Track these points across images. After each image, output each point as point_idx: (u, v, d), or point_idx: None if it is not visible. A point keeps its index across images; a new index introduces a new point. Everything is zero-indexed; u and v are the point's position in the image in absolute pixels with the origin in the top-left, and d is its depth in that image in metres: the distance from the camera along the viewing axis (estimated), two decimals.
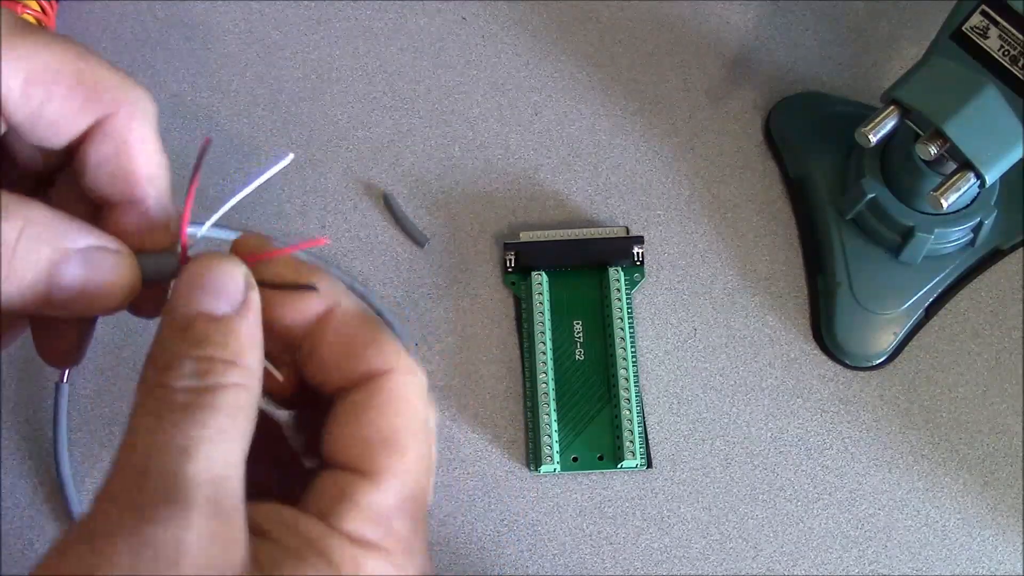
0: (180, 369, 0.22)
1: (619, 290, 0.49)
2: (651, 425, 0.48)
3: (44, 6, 0.51)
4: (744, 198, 0.52)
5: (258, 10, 0.56)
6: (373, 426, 0.24)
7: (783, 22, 0.56)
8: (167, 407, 0.22)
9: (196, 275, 0.24)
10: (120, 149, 0.26)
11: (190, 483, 0.21)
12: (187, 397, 0.22)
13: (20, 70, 0.24)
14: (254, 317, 0.24)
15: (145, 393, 0.23)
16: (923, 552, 0.47)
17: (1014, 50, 0.40)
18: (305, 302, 0.25)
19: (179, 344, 0.23)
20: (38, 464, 0.47)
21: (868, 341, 0.49)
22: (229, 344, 0.23)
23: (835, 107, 0.53)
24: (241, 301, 0.24)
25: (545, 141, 0.53)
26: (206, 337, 0.23)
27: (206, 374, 0.22)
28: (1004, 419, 0.49)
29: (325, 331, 0.25)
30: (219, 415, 0.22)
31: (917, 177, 0.46)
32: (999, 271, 0.51)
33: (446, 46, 0.55)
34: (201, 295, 0.23)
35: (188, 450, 0.21)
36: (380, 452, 0.24)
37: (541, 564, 0.46)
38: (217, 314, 0.23)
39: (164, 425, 0.22)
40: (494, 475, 0.47)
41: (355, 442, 0.24)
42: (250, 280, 0.24)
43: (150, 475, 0.21)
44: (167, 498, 0.21)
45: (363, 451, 0.24)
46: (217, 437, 0.22)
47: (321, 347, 0.25)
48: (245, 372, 0.23)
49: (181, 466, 0.21)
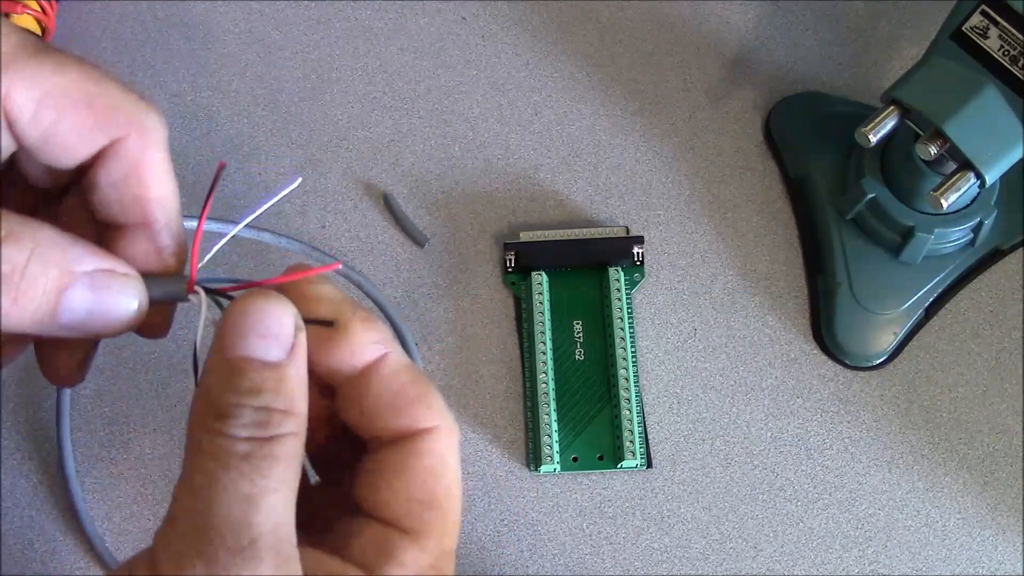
0: (240, 419, 0.22)
1: (619, 290, 0.49)
2: (651, 425, 0.48)
3: (44, 6, 0.51)
4: (744, 198, 0.52)
5: (258, 10, 0.56)
6: (417, 486, 0.25)
7: (783, 22, 0.56)
8: (229, 455, 0.22)
9: (245, 316, 0.24)
10: (131, 172, 0.26)
11: (256, 532, 0.21)
12: (249, 447, 0.22)
13: (33, 91, 0.24)
14: (302, 361, 0.24)
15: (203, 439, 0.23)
16: (923, 552, 0.47)
17: (1014, 50, 0.40)
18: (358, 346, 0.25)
19: (233, 391, 0.23)
20: (38, 464, 0.47)
21: (868, 341, 0.49)
22: (282, 392, 0.23)
23: (835, 107, 0.53)
24: (292, 345, 0.24)
25: (545, 141, 0.54)
26: (261, 385, 0.23)
27: (266, 425, 0.23)
28: (1004, 419, 0.49)
29: (373, 380, 0.25)
30: (279, 465, 0.22)
31: (917, 177, 0.46)
32: (999, 271, 0.51)
33: (446, 46, 0.55)
34: (252, 339, 0.23)
35: (254, 499, 0.22)
36: (422, 512, 0.25)
37: (541, 564, 0.46)
38: (270, 360, 0.23)
39: (229, 473, 0.22)
40: (494, 475, 0.47)
41: (399, 500, 0.25)
42: (299, 322, 0.24)
43: (217, 523, 0.21)
44: (237, 547, 0.21)
45: (407, 510, 0.25)
46: (278, 486, 0.22)
47: (368, 396, 0.25)
48: (298, 420, 0.23)
49: (248, 515, 0.22)
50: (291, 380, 0.23)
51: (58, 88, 0.24)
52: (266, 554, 0.22)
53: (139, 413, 0.48)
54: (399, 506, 0.25)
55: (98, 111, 0.25)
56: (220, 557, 0.21)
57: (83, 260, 0.24)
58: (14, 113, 0.24)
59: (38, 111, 0.24)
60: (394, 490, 0.25)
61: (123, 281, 0.25)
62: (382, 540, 0.24)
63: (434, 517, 0.25)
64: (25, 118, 0.24)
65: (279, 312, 0.24)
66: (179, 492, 0.22)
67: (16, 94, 0.24)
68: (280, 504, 0.22)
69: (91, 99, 0.25)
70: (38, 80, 0.24)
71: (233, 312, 0.24)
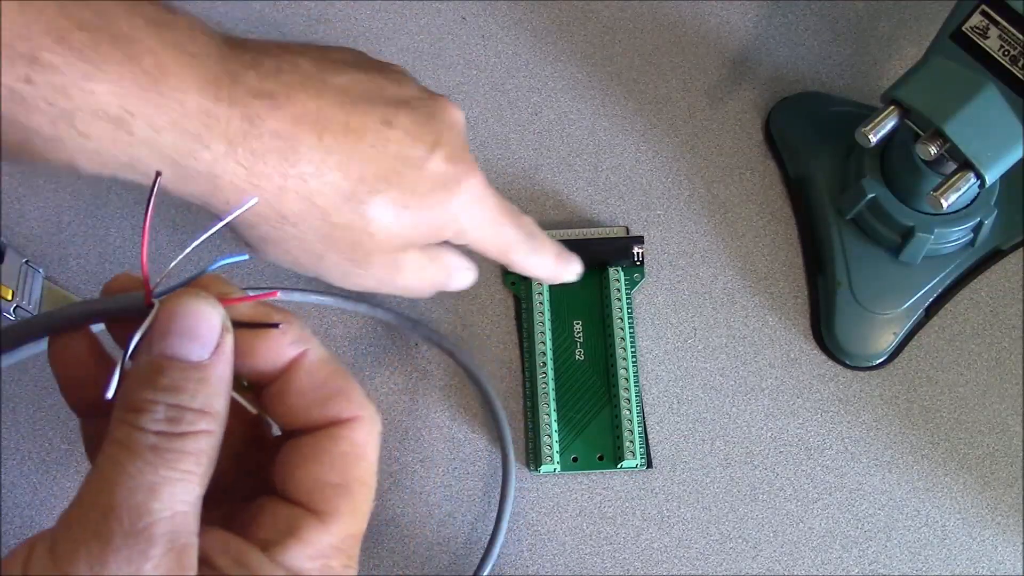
0: (152, 414, 0.23)
1: (619, 290, 0.49)
2: (651, 425, 0.48)
3: None
4: (744, 198, 0.52)
5: (258, 10, 0.56)
6: (331, 471, 0.26)
7: (783, 22, 0.56)
8: (137, 446, 0.23)
9: (171, 316, 0.24)
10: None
11: (154, 519, 0.22)
12: (157, 440, 0.23)
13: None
14: (226, 362, 0.24)
15: (115, 429, 0.23)
16: (923, 552, 0.47)
17: (1014, 50, 0.40)
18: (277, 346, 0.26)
19: (151, 388, 0.23)
20: (39, 464, 0.47)
21: (868, 341, 0.49)
22: (200, 393, 0.24)
23: (835, 107, 0.53)
24: (215, 346, 0.24)
25: (545, 141, 0.54)
26: (178, 385, 0.24)
27: (177, 422, 0.23)
28: (1004, 419, 0.49)
29: (295, 376, 0.26)
30: (187, 459, 0.23)
31: (917, 177, 0.46)
32: (999, 271, 0.51)
33: (446, 46, 0.55)
34: (175, 339, 0.24)
35: (155, 488, 0.22)
36: (333, 495, 0.25)
37: (541, 564, 0.46)
38: (191, 359, 0.24)
39: (135, 461, 0.23)
40: (494, 475, 0.47)
41: (311, 482, 0.26)
42: (226, 323, 0.25)
43: (116, 506, 0.22)
44: (131, 531, 0.22)
45: (317, 492, 0.25)
46: (183, 478, 0.23)
47: (290, 391, 0.26)
48: (213, 419, 0.24)
49: (147, 503, 0.22)
50: (211, 380, 0.24)
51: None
52: (159, 540, 0.22)
53: None
54: (310, 488, 0.25)
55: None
56: (114, 539, 0.22)
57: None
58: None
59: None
60: (307, 473, 0.26)
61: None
62: (288, 519, 0.25)
63: (344, 501, 0.25)
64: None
65: (206, 312, 0.24)
66: (87, 478, 0.23)
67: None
68: (182, 494, 0.23)
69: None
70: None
71: (162, 311, 0.24)
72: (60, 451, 0.47)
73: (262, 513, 0.26)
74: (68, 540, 0.22)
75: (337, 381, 0.26)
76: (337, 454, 0.26)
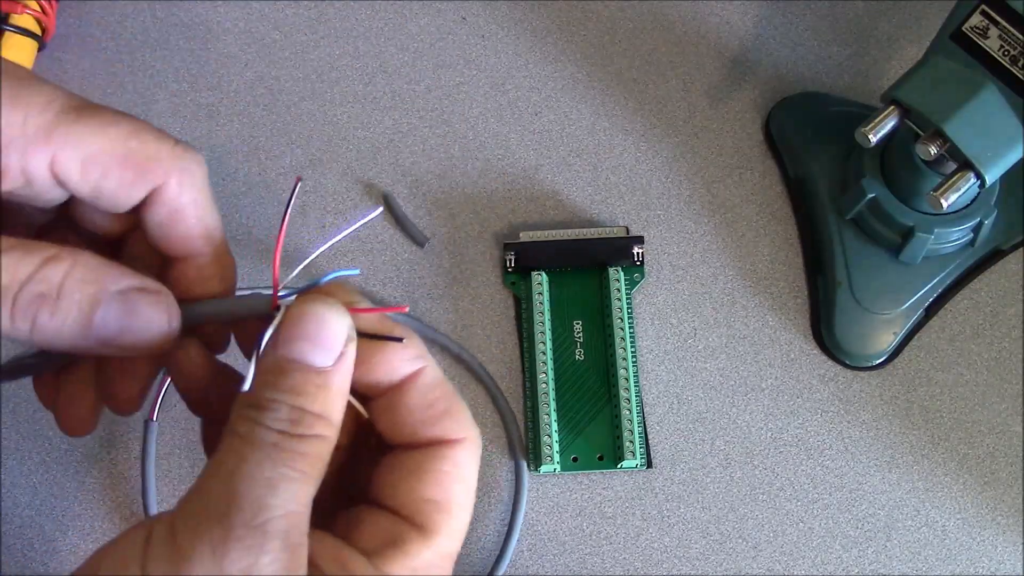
0: (275, 412, 0.24)
1: (619, 290, 0.49)
2: (651, 425, 0.48)
3: (44, 6, 0.51)
4: (744, 198, 0.52)
5: (258, 10, 0.56)
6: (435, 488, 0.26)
7: (783, 22, 0.56)
8: (259, 441, 0.24)
9: (299, 320, 0.25)
10: (172, 215, 0.28)
11: (271, 514, 0.23)
12: (278, 438, 0.24)
13: (77, 153, 0.26)
14: (347, 371, 0.25)
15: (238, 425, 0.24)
16: (923, 552, 0.47)
17: (1014, 50, 0.40)
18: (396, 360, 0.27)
19: (275, 389, 0.24)
20: (39, 464, 0.47)
21: (868, 341, 0.49)
22: (320, 398, 0.25)
23: (835, 107, 0.53)
24: (339, 355, 0.25)
25: (545, 141, 0.53)
26: (300, 388, 0.24)
27: (298, 423, 0.24)
28: (1004, 419, 0.49)
29: (409, 392, 0.27)
30: (304, 460, 0.24)
31: (917, 177, 0.46)
32: (999, 271, 0.51)
33: (446, 46, 0.55)
34: (302, 343, 0.25)
35: (273, 484, 0.23)
36: (435, 512, 0.26)
37: (541, 564, 0.46)
38: (315, 365, 0.25)
39: (256, 456, 0.23)
40: (494, 475, 0.47)
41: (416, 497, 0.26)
42: (352, 334, 0.26)
43: (237, 497, 0.23)
44: (251, 523, 0.23)
45: (422, 508, 0.26)
46: (299, 478, 0.24)
47: (402, 407, 0.27)
48: (331, 426, 0.25)
49: (266, 497, 0.23)
50: (332, 387, 0.25)
51: (99, 149, 0.26)
52: (275, 538, 0.23)
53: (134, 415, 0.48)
54: (413, 503, 0.26)
55: (137, 165, 0.27)
56: (235, 530, 0.22)
57: (116, 280, 0.26)
58: (62, 176, 0.26)
59: (84, 171, 0.26)
60: (411, 488, 0.26)
61: (154, 298, 0.26)
62: (392, 530, 0.26)
63: (445, 519, 0.26)
64: (74, 179, 0.26)
65: (333, 320, 0.25)
66: (208, 468, 0.24)
67: (61, 159, 0.26)
68: (298, 494, 0.24)
69: (130, 155, 0.27)
70: (81, 143, 0.26)
71: (290, 314, 0.25)
72: (60, 451, 0.47)
73: (364, 522, 0.26)
74: (190, 525, 0.23)
75: (448, 402, 0.27)
76: (441, 473, 0.26)
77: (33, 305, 0.25)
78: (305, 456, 0.24)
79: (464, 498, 0.27)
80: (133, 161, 0.27)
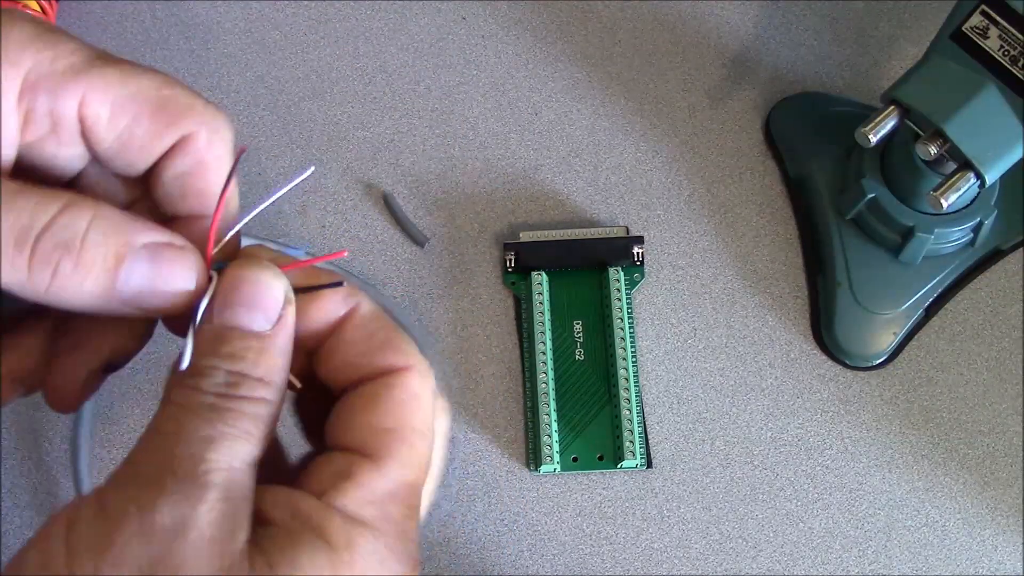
0: (212, 378, 0.23)
1: (619, 290, 0.49)
2: (651, 425, 0.48)
3: (44, 6, 0.51)
4: (744, 198, 0.52)
5: (258, 10, 0.56)
6: (385, 416, 0.25)
7: (783, 22, 0.56)
8: (196, 404, 0.23)
9: (234, 286, 0.24)
10: (195, 166, 0.26)
11: (209, 468, 0.22)
12: (216, 400, 0.23)
13: (108, 96, 0.25)
14: (288, 333, 0.24)
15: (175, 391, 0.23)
16: (923, 552, 0.47)
17: (1014, 50, 0.40)
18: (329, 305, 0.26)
19: (213, 356, 0.23)
20: (38, 464, 0.47)
21: (868, 341, 0.49)
22: (261, 363, 0.24)
23: (835, 107, 0.53)
24: (278, 317, 0.24)
25: (545, 141, 0.54)
26: (240, 354, 0.23)
27: (236, 386, 0.23)
28: (1004, 419, 0.49)
29: (345, 331, 0.26)
30: (244, 419, 0.23)
31: (917, 177, 0.46)
32: (999, 271, 0.51)
33: (446, 46, 0.55)
34: (239, 308, 0.24)
35: (212, 440, 0.22)
36: (388, 439, 0.24)
37: (541, 564, 0.46)
38: (253, 329, 0.24)
39: (192, 418, 0.22)
40: (494, 475, 0.47)
41: (363, 428, 0.25)
42: (289, 295, 0.25)
43: (172, 456, 0.22)
44: (185, 476, 0.22)
45: (370, 437, 0.25)
46: (240, 436, 0.23)
47: (340, 346, 0.26)
48: (272, 389, 0.24)
49: (204, 452, 0.22)
50: (272, 350, 0.24)
51: (131, 92, 0.25)
52: (214, 489, 0.22)
53: (139, 413, 0.48)
54: (364, 435, 0.25)
55: (170, 111, 0.26)
56: (167, 485, 0.21)
57: (142, 233, 0.24)
58: (90, 120, 0.25)
59: (113, 116, 0.25)
60: (361, 421, 0.25)
61: (181, 254, 0.25)
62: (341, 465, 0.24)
63: (399, 447, 0.24)
64: (102, 124, 0.25)
65: (269, 282, 0.24)
66: (141, 437, 0.23)
67: (92, 100, 0.25)
68: (239, 451, 0.23)
69: (163, 101, 0.26)
70: (111, 87, 0.25)
71: (224, 280, 0.24)
72: (60, 451, 0.47)
73: (318, 466, 0.25)
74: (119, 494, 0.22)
75: (388, 332, 0.26)
76: (390, 401, 0.25)
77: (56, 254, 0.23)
78: (245, 415, 0.23)
79: (419, 426, 0.25)
80: (166, 107, 0.25)
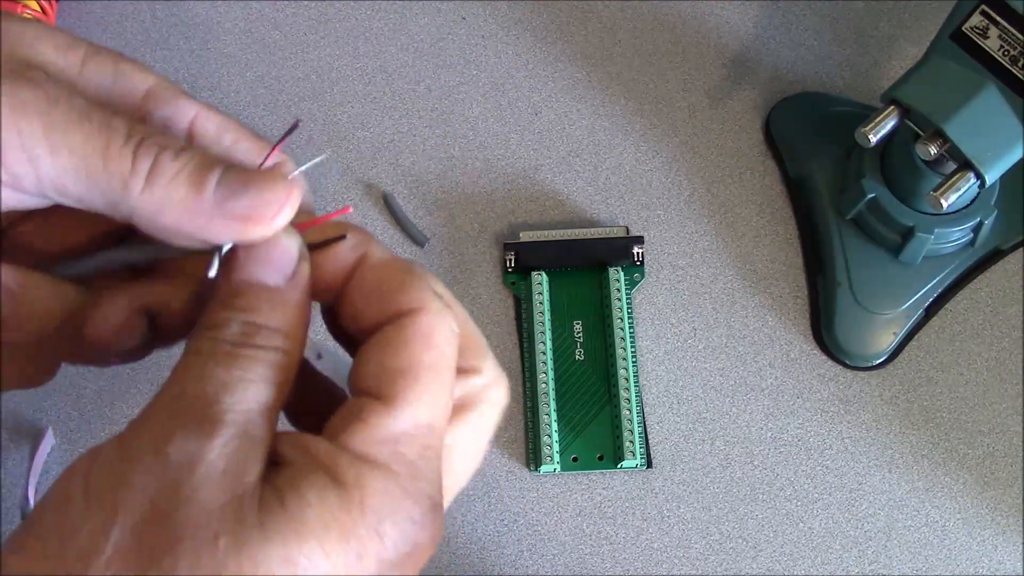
0: (228, 328, 0.23)
1: (619, 290, 0.49)
2: (651, 425, 0.48)
3: (44, 6, 0.51)
4: (744, 198, 0.52)
5: (258, 10, 0.56)
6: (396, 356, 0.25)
7: (783, 22, 0.56)
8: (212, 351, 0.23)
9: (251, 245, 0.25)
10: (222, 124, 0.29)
11: (225, 408, 0.22)
12: (233, 348, 0.23)
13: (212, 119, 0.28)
14: (302, 287, 0.25)
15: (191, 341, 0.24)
16: (923, 552, 0.47)
17: (1014, 50, 0.40)
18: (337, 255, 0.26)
19: (229, 309, 0.24)
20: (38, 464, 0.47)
21: (868, 341, 0.49)
22: (275, 314, 0.24)
23: (835, 107, 0.53)
24: (292, 272, 0.25)
25: (545, 141, 0.53)
26: (254, 306, 0.24)
27: (252, 335, 0.24)
28: (1004, 419, 0.49)
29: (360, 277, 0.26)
30: (261, 365, 0.23)
31: (917, 177, 0.46)
32: (999, 271, 0.51)
33: (446, 46, 0.55)
34: (253, 265, 0.24)
35: (229, 384, 0.23)
36: (397, 379, 0.24)
37: (541, 564, 0.46)
38: (268, 284, 0.24)
39: (208, 363, 0.23)
40: (494, 475, 0.47)
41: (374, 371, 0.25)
42: (303, 252, 0.25)
43: (188, 398, 0.22)
44: (200, 416, 0.22)
45: (382, 377, 0.24)
46: (257, 380, 0.23)
47: (356, 292, 0.26)
48: (288, 339, 0.24)
49: (219, 395, 0.22)
50: (286, 304, 0.24)
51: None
52: (229, 427, 0.22)
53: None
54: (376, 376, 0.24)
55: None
56: (182, 423, 0.22)
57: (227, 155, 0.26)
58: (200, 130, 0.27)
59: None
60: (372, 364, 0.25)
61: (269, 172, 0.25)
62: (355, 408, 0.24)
63: (411, 386, 0.24)
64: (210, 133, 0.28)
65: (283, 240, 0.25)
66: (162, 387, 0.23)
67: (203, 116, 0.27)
68: (254, 395, 0.23)
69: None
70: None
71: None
72: (60, 451, 0.47)
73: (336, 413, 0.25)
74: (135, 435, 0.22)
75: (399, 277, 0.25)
76: (401, 340, 0.25)
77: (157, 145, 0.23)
78: (260, 361, 0.23)
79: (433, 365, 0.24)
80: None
